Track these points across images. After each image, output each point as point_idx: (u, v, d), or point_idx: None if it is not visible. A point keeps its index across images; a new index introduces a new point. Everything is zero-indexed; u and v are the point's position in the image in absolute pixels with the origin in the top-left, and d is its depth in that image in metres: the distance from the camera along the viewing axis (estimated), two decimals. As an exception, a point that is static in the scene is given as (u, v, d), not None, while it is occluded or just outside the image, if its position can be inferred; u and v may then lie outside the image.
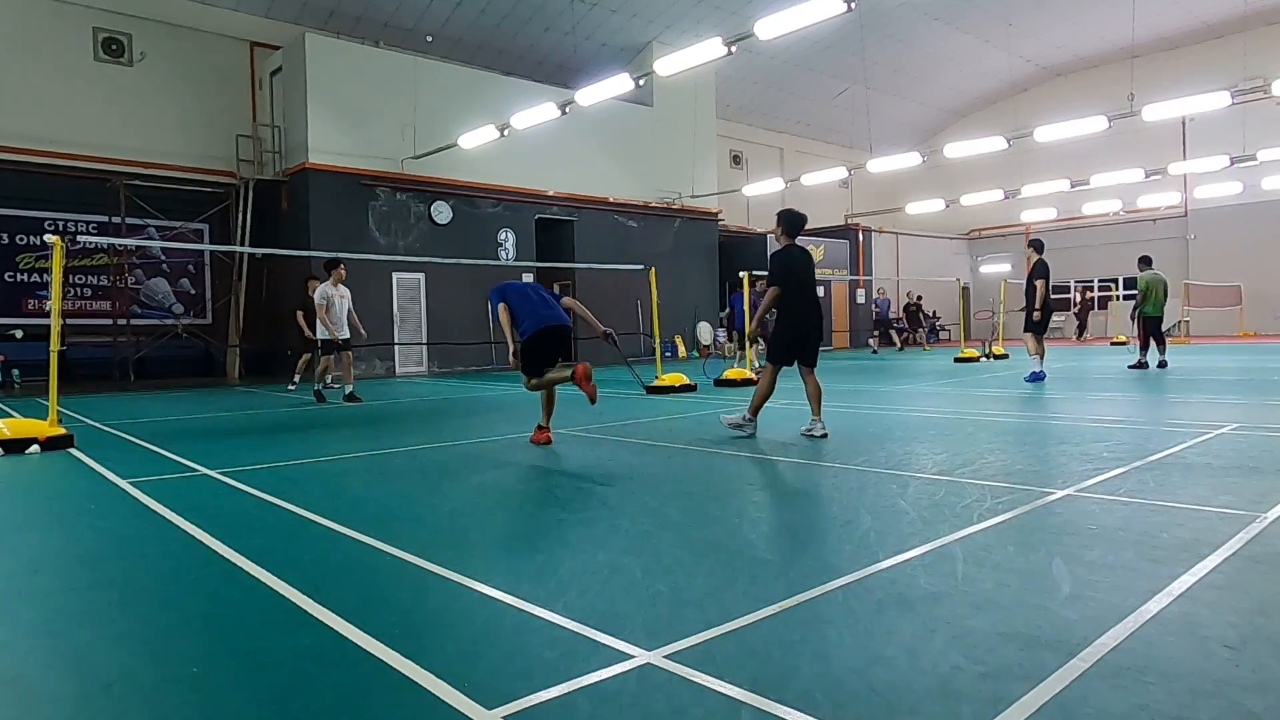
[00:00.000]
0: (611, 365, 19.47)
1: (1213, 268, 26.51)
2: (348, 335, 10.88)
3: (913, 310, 24.89)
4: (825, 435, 6.25)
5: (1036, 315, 10.69)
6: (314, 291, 11.14)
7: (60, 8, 15.70)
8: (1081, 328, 26.48)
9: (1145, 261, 12.73)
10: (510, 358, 6.20)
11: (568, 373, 6.06)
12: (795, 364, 6.56)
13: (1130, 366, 12.45)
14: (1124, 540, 3.17)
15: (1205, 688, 1.91)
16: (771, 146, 29.14)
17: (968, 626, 2.33)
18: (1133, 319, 13.61)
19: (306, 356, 12.38)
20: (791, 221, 6.44)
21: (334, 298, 10.71)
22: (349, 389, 10.85)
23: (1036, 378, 10.39)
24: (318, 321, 10.81)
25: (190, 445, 6.71)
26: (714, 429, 7.01)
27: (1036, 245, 10.88)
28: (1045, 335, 11.05)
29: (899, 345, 24.18)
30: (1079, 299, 26.85)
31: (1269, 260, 25.26)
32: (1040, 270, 10.67)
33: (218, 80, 17.57)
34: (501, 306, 6.29)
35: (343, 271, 10.73)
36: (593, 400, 5.99)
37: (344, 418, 9.03)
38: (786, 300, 6.37)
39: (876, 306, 24.10)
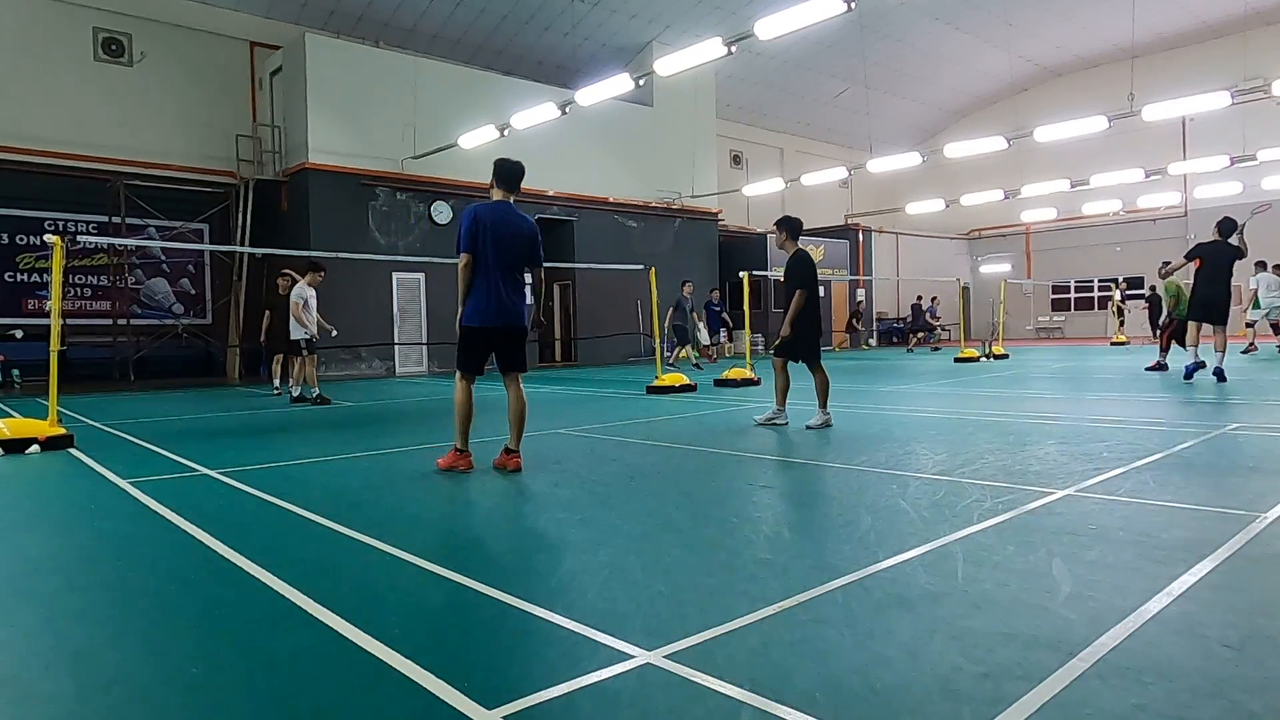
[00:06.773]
0: (611, 365, 19.45)
1: (1213, 268, 26.43)
2: (315, 334, 10.85)
3: (919, 310, 24.01)
4: (829, 424, 6.67)
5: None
6: (288, 289, 10.99)
7: (60, 8, 15.70)
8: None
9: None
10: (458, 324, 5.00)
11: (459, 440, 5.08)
12: (798, 361, 6.99)
13: (1147, 369, 12.52)
14: (1124, 540, 3.17)
15: (1205, 688, 1.91)
16: (771, 146, 29.13)
17: (968, 626, 2.33)
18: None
19: (280, 357, 12.01)
20: (796, 227, 7.05)
21: (310, 297, 10.70)
22: (315, 391, 10.78)
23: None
24: (294, 320, 10.65)
25: (190, 445, 6.70)
26: (714, 429, 7.02)
27: (1222, 226, 10.64)
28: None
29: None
30: (1119, 298, 27.01)
31: (1268, 260, 25.18)
32: (1191, 255, 10.62)
33: (218, 80, 17.57)
34: (465, 259, 4.86)
35: (320, 275, 10.82)
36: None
37: (344, 418, 9.03)
38: (809, 300, 6.87)
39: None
